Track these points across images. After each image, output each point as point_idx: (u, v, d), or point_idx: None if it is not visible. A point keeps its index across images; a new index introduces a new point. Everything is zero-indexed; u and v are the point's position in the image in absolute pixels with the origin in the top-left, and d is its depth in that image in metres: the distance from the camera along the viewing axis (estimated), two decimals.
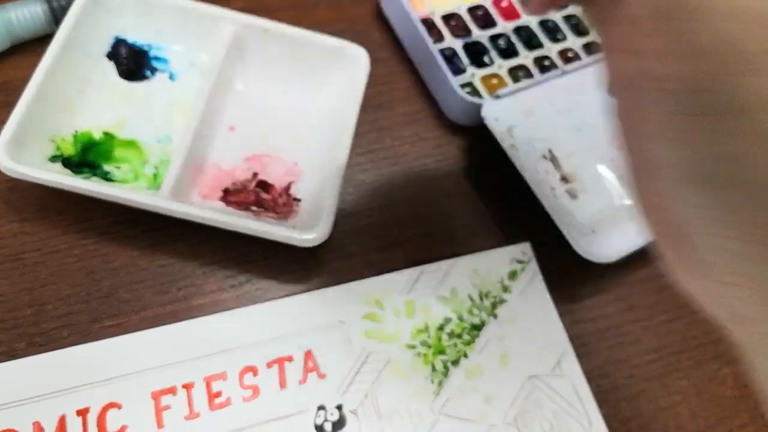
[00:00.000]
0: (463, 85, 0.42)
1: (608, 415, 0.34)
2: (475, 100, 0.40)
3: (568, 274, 0.38)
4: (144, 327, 0.33)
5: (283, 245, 0.34)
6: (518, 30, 0.45)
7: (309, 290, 0.35)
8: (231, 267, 0.35)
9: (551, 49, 0.45)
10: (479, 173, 0.41)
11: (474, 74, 0.42)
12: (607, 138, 0.40)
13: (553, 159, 0.39)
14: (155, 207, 0.33)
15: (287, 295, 0.35)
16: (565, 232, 0.36)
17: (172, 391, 0.32)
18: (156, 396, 0.31)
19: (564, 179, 0.38)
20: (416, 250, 0.38)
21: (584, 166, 0.39)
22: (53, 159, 0.35)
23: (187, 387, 0.32)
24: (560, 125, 0.40)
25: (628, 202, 0.38)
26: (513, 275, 0.38)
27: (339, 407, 0.32)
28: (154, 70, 0.40)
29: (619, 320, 0.37)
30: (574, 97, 0.41)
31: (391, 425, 0.32)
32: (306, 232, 0.33)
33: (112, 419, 0.30)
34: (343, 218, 0.38)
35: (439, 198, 0.40)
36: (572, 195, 0.38)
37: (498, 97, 0.40)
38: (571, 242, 0.36)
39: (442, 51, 0.42)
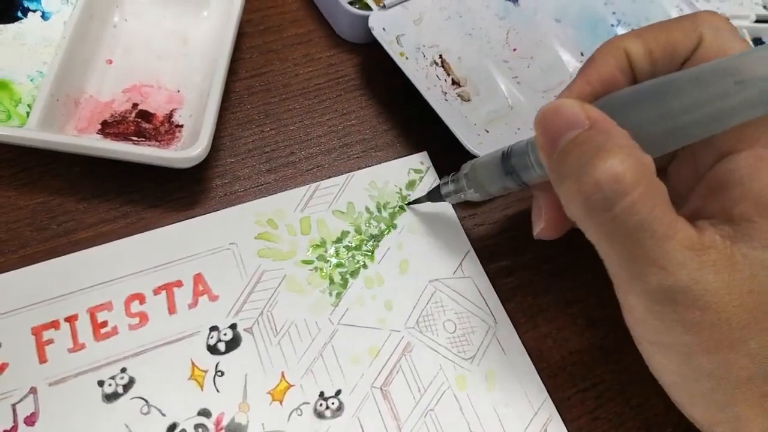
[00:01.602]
0: (353, 2, 0.41)
1: (513, 312, 0.34)
2: (364, 13, 0.39)
3: None
4: (24, 265, 0.32)
5: (167, 173, 0.33)
6: None
7: (197, 216, 0.34)
8: (113, 199, 0.34)
9: None
10: (374, 89, 0.40)
11: None
12: (500, 41, 0.39)
13: (444, 64, 0.38)
14: (19, 139, 0.31)
15: (174, 222, 0.34)
16: (458, 134, 0.35)
17: (54, 325, 0.30)
18: (37, 332, 0.30)
19: (455, 83, 0.38)
20: (310, 170, 0.37)
21: (476, 69, 0.38)
22: None
23: (70, 320, 0.31)
24: (450, 31, 0.39)
25: (521, 99, 0.37)
26: (411, 185, 0.37)
27: (233, 327, 0.32)
28: (26, 11, 0.39)
29: (522, 220, 0.37)
30: (464, 4, 0.40)
31: (289, 340, 0.32)
32: (184, 151, 0.32)
33: None
34: (230, 142, 0.37)
35: (334, 117, 0.39)
36: (464, 98, 0.37)
37: (384, 6, 0.39)
38: (464, 144, 0.35)
39: None
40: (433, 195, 0.34)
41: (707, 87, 0.20)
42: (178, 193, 0.35)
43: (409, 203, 0.35)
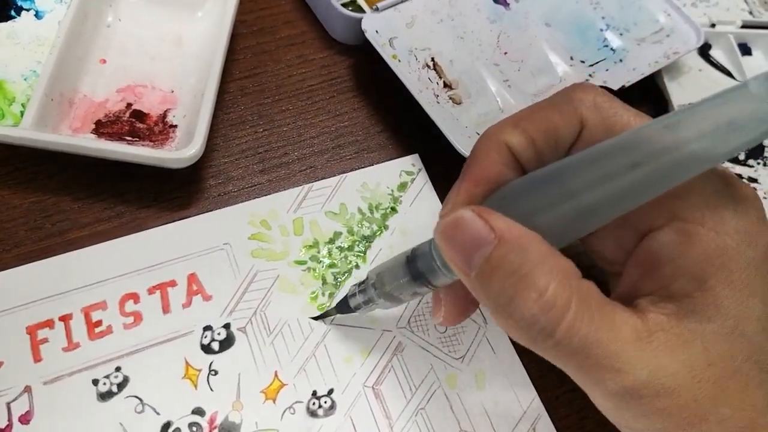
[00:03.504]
0: (346, 4, 0.41)
1: None
2: (357, 15, 0.39)
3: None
4: (18, 264, 0.32)
5: (161, 173, 0.34)
6: None
7: (191, 216, 0.34)
8: (108, 199, 0.34)
9: None
10: (367, 90, 0.40)
11: None
12: (491, 44, 0.39)
13: (436, 67, 0.38)
14: (14, 138, 0.31)
15: (168, 222, 0.34)
16: (449, 137, 0.36)
17: (48, 324, 0.31)
18: (31, 330, 0.30)
19: (447, 86, 0.38)
20: (303, 171, 0.37)
21: (467, 72, 0.39)
22: None
23: (65, 319, 0.31)
24: (442, 34, 0.40)
25: (512, 102, 0.38)
26: (403, 187, 0.37)
27: (226, 326, 0.32)
28: (20, 10, 0.39)
29: None
30: (455, 8, 0.41)
31: (282, 339, 0.32)
32: (178, 152, 0.32)
33: None
34: (224, 143, 0.37)
35: (327, 118, 0.39)
36: (456, 101, 0.38)
37: (377, 9, 0.39)
38: (456, 146, 0.35)
39: None
40: (342, 307, 0.30)
41: (602, 170, 0.19)
42: (171, 193, 0.35)
43: (316, 318, 0.32)
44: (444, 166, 0.38)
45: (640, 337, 0.19)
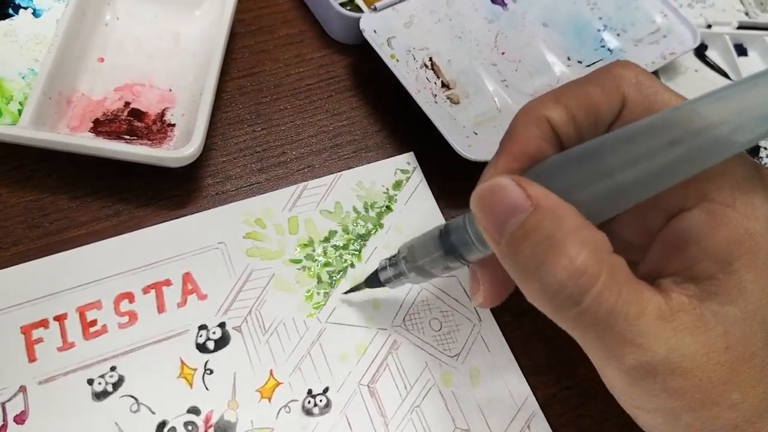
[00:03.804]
0: (344, 4, 0.41)
1: (499, 310, 0.34)
2: (355, 14, 0.39)
3: (454, 179, 0.37)
4: (16, 262, 0.32)
5: (159, 172, 0.34)
6: None
7: (189, 215, 0.34)
8: (105, 197, 0.34)
9: None
10: (365, 90, 0.41)
11: None
12: (488, 44, 0.39)
13: (434, 67, 0.39)
14: (12, 137, 0.31)
15: (166, 221, 0.34)
16: (447, 136, 0.36)
17: (43, 324, 0.31)
18: (26, 330, 0.30)
19: (445, 86, 0.38)
20: (301, 170, 0.37)
21: (465, 72, 0.39)
22: None
23: (60, 319, 0.31)
24: (440, 34, 0.40)
25: (509, 102, 0.38)
26: (398, 185, 0.37)
27: (221, 325, 0.32)
28: (17, 8, 0.39)
29: None
30: (453, 8, 0.41)
31: (277, 338, 0.32)
32: (177, 151, 0.32)
33: None
34: (222, 141, 0.37)
35: (325, 117, 0.39)
36: (454, 101, 0.38)
37: (375, 9, 0.39)
38: (454, 146, 0.35)
39: None
40: (372, 281, 0.31)
41: (640, 147, 0.19)
42: (169, 192, 0.35)
43: (346, 292, 0.33)
44: (440, 164, 0.38)
45: (663, 316, 0.19)
